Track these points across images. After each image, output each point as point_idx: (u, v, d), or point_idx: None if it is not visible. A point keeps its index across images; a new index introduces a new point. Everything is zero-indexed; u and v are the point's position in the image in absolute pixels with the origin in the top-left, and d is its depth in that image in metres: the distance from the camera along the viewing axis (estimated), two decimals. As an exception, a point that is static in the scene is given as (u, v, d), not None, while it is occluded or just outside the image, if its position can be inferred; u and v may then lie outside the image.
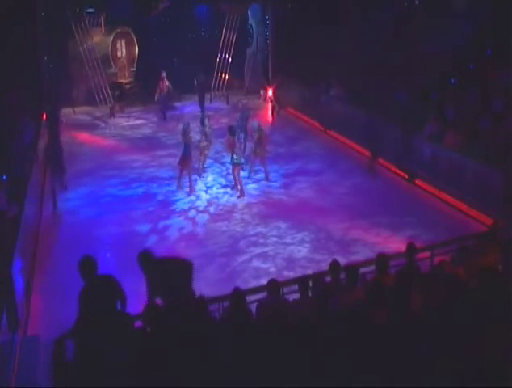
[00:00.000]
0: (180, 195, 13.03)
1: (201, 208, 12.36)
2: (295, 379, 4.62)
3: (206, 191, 13.27)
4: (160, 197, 12.96)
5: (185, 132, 13.44)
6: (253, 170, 14.08)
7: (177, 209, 12.34)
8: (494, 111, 12.33)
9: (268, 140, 14.20)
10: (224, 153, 15.00)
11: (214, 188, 13.46)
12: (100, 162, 15.28)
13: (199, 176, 13.94)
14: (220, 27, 22.35)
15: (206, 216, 12.01)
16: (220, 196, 13.02)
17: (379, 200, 12.34)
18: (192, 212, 12.17)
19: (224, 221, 11.67)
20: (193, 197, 12.93)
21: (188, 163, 13.17)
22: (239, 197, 12.82)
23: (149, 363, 4.88)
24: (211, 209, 12.31)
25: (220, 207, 12.42)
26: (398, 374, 4.67)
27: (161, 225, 11.58)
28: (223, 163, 14.86)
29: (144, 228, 11.40)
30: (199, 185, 13.57)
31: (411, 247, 7.07)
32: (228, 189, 13.31)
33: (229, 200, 12.79)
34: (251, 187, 13.38)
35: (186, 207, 12.42)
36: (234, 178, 13.16)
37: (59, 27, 19.39)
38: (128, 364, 5.02)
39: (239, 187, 12.97)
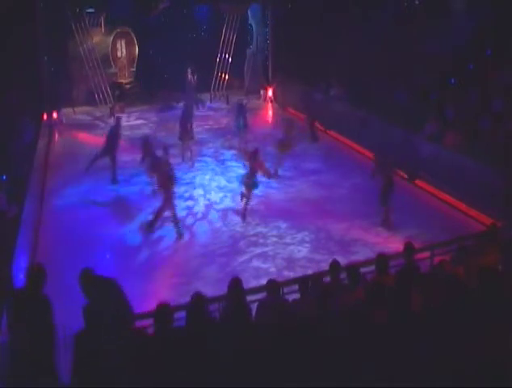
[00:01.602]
0: (180, 195, 13.02)
1: (201, 209, 12.35)
2: (295, 379, 4.61)
3: (205, 192, 13.26)
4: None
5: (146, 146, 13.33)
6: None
7: (177, 209, 12.31)
8: (494, 111, 12.34)
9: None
10: (223, 153, 15.09)
11: (214, 188, 13.45)
12: (100, 162, 15.23)
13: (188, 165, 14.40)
14: (220, 27, 22.34)
15: (206, 216, 12.00)
16: (219, 195, 13.01)
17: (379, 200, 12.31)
18: (192, 212, 12.17)
19: (224, 221, 11.67)
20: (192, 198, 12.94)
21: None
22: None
23: (149, 363, 4.88)
24: (211, 209, 12.30)
25: (220, 207, 12.41)
26: (398, 374, 4.66)
27: (161, 225, 11.58)
28: (222, 162, 14.88)
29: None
30: (199, 185, 13.58)
31: (409, 247, 7.08)
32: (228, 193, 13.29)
33: (229, 200, 12.79)
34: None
35: (185, 207, 12.41)
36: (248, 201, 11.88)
37: (59, 27, 19.39)
38: (127, 365, 5.02)
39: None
